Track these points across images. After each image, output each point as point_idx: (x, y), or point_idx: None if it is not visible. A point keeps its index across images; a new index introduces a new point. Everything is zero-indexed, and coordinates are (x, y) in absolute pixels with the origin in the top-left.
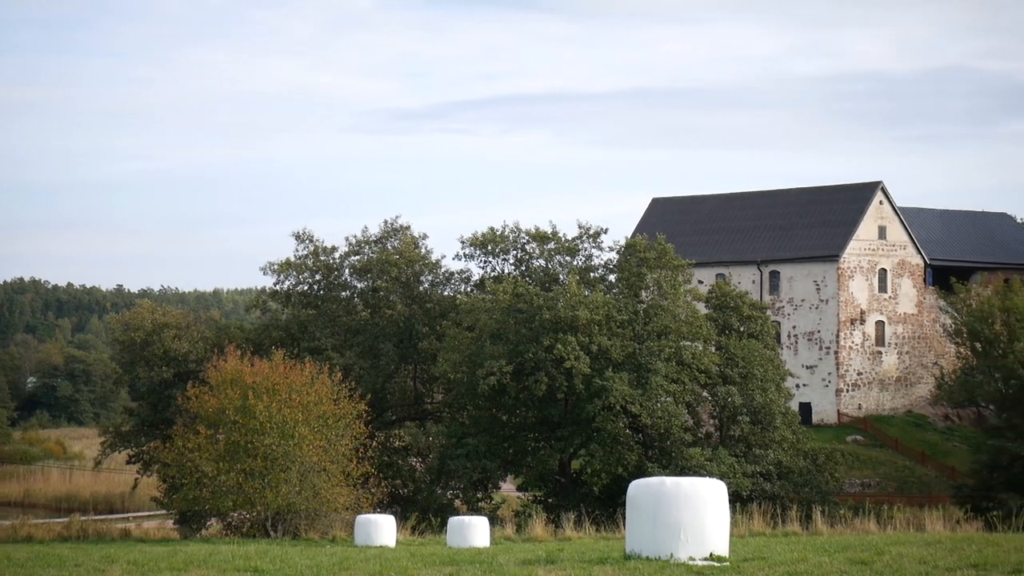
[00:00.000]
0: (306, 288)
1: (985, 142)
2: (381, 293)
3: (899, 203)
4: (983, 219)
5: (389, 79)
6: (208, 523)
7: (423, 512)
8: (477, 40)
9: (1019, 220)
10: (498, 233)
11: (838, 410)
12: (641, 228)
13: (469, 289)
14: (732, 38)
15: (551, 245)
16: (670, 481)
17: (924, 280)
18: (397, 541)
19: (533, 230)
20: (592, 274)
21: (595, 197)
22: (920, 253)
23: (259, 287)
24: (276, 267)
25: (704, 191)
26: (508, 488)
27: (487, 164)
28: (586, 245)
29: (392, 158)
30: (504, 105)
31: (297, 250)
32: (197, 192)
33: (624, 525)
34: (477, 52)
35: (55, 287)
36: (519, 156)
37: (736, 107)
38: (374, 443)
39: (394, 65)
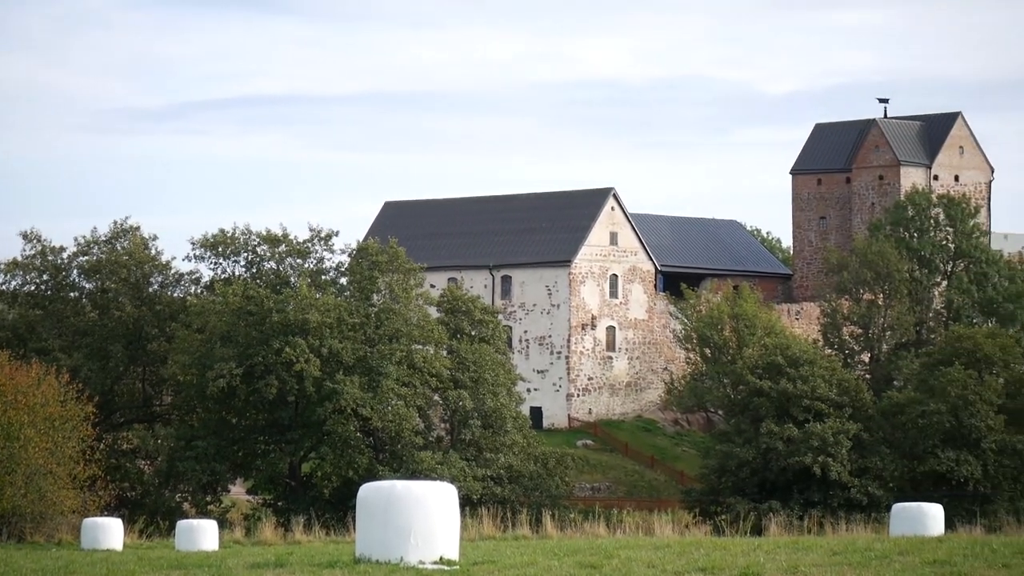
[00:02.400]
0: (33, 288)
1: (719, 150)
2: (110, 294)
3: (635, 210)
4: (713, 226)
5: (126, 78)
6: None
7: (151, 515)
8: (216, 40)
9: (749, 228)
10: (228, 235)
11: (569, 414)
12: (373, 231)
13: (199, 291)
14: (471, 43)
15: (282, 247)
16: (400, 484)
17: (655, 286)
18: (124, 544)
19: (264, 232)
20: (323, 277)
21: (330, 200)
22: (651, 259)
23: None
24: (2, 267)
25: (440, 196)
26: (238, 491)
27: (223, 165)
28: (318, 248)
29: (126, 158)
30: (242, 106)
31: (24, 250)
32: None
33: (354, 528)
34: (216, 53)
35: None
36: (255, 158)
37: (473, 112)
38: (102, 445)
39: (131, 64)
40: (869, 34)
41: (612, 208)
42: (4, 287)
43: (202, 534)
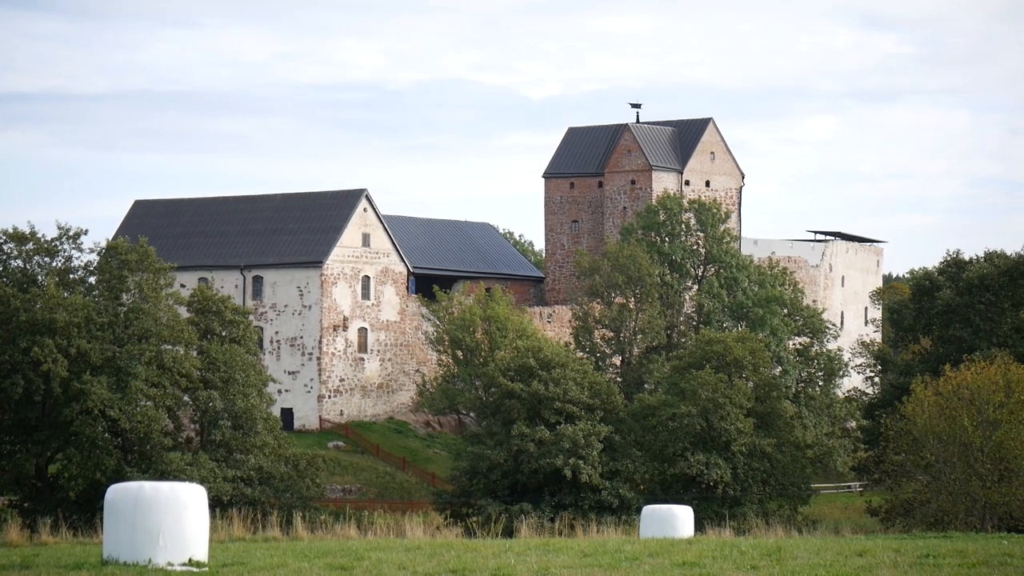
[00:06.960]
0: None
1: (475, 153)
2: None
3: (387, 211)
4: (466, 229)
5: None
6: None
7: None
8: None
9: (502, 231)
10: None
11: (320, 416)
12: (123, 230)
13: None
14: (227, 42)
15: (29, 245)
16: (149, 486)
17: (407, 288)
18: None
19: (11, 230)
20: (72, 276)
21: (79, 198)
22: (403, 261)
23: None
24: None
25: (191, 195)
26: None
27: None
28: (66, 246)
29: None
30: None
31: None
32: None
33: (102, 530)
34: None
35: None
36: (3, 154)
37: (228, 111)
38: None
39: None
40: (625, 41)
41: (365, 209)
42: None
43: None
